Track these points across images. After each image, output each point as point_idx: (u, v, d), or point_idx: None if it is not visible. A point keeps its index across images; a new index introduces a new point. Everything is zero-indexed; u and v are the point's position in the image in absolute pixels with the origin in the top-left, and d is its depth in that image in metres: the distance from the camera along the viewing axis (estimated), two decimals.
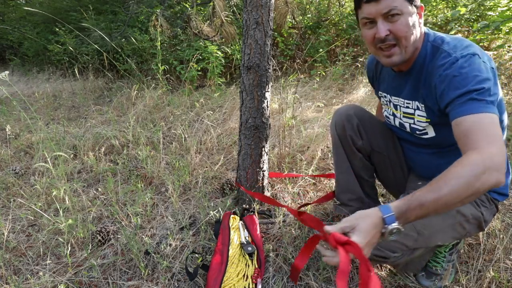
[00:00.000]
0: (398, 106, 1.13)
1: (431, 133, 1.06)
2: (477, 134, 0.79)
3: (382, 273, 1.23)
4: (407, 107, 1.09)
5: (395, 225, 0.76)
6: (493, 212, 1.08)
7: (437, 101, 0.94)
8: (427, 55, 0.99)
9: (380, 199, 1.45)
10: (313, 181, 1.83)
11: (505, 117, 0.99)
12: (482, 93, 0.83)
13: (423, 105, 1.03)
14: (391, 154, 1.25)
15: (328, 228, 0.80)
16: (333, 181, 1.71)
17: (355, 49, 4.11)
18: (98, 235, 1.47)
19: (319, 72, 3.70)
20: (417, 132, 1.09)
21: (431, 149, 1.12)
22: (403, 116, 1.12)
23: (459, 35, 3.80)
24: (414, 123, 1.09)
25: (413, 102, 1.06)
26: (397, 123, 1.17)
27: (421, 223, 0.99)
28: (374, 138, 1.25)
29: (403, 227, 0.77)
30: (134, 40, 4.03)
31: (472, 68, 0.86)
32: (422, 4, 0.97)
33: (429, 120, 1.03)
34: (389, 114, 1.20)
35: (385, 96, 1.20)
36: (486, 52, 0.97)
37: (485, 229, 1.18)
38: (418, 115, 1.06)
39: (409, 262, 1.10)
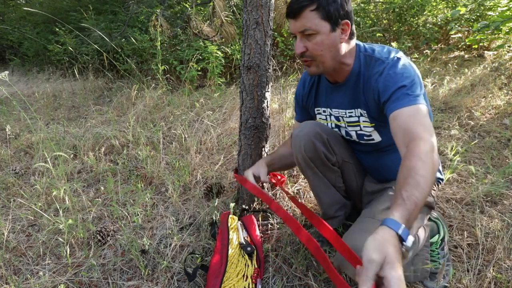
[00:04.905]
0: (340, 117, 1.17)
1: (377, 137, 1.12)
2: (416, 125, 0.86)
3: None
4: (350, 116, 1.13)
5: (411, 238, 0.66)
6: (436, 192, 1.18)
7: (377, 102, 1.01)
8: (361, 65, 1.06)
9: None
10: None
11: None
12: (412, 87, 0.92)
13: (365, 111, 1.08)
14: (354, 162, 1.26)
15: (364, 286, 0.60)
16: None
17: None
18: (98, 235, 1.47)
19: None
20: (365, 137, 1.14)
21: (379, 152, 1.17)
22: (348, 125, 1.16)
23: (459, 35, 3.80)
24: (360, 130, 1.13)
25: (356, 110, 1.11)
26: (343, 133, 1.21)
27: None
28: (342, 148, 1.23)
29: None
30: (134, 40, 4.03)
31: (402, 68, 0.96)
32: (347, 20, 1.00)
33: (373, 124, 1.09)
34: (333, 128, 1.23)
35: (324, 111, 1.22)
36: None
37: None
38: (363, 121, 1.11)
39: (416, 270, 1.10)
